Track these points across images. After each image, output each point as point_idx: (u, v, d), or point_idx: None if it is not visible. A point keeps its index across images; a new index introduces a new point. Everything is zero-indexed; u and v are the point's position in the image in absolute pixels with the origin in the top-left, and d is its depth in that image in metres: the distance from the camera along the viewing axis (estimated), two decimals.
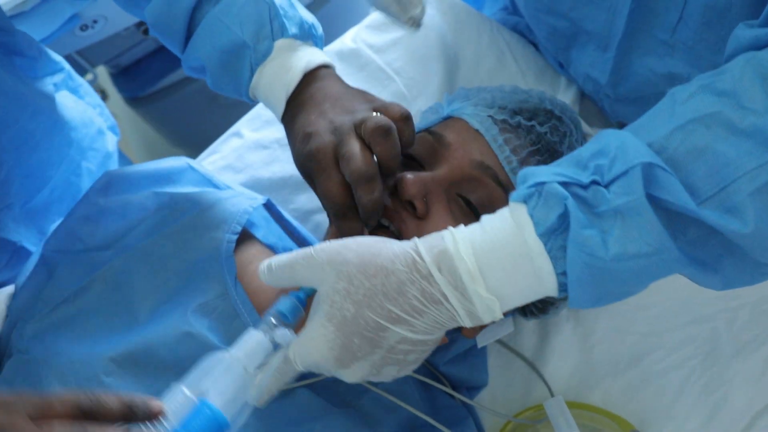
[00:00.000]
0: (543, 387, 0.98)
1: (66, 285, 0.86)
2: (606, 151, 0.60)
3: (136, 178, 0.96)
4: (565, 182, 0.60)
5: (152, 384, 0.79)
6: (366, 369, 0.64)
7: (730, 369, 0.96)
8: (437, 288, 0.61)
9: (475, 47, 1.18)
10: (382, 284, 0.62)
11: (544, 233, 0.59)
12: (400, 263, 0.62)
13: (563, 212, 0.59)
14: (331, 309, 0.63)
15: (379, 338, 0.62)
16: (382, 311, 0.62)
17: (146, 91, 1.52)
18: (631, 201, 0.57)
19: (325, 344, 0.63)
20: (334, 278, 0.63)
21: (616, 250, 0.58)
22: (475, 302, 0.61)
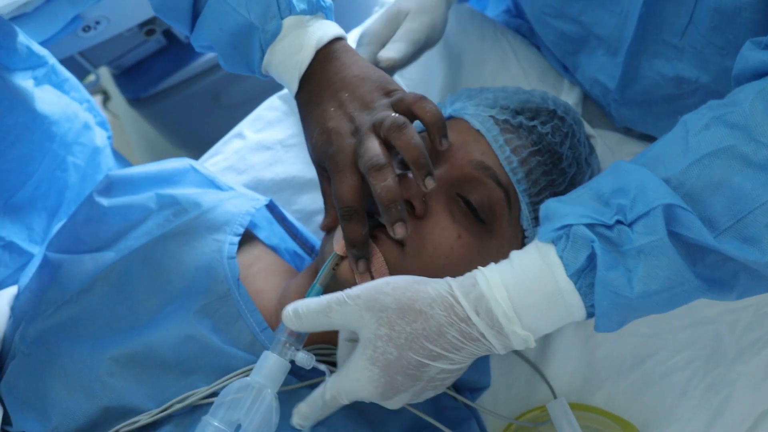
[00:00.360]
0: (545, 388, 0.98)
1: (69, 286, 0.86)
2: (626, 189, 0.65)
3: (139, 179, 0.97)
4: (591, 224, 0.64)
5: (155, 385, 0.79)
6: (407, 398, 0.68)
7: (733, 371, 0.95)
8: (475, 329, 0.66)
9: (478, 48, 1.17)
10: (422, 328, 0.65)
11: (574, 273, 0.64)
12: (438, 308, 0.66)
13: (591, 253, 0.64)
14: (375, 354, 0.66)
15: (421, 373, 0.66)
16: (423, 351, 0.66)
17: (148, 92, 1.52)
18: (654, 241, 0.62)
19: (371, 384, 0.67)
20: (374, 325, 0.66)
21: (641, 289, 0.63)
22: (512, 339, 0.66)
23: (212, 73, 1.52)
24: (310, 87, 0.81)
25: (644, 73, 0.94)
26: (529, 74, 1.16)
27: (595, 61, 0.99)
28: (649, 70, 0.93)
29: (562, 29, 1.00)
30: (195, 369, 0.80)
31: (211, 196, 0.96)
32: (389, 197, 0.71)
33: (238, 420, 0.68)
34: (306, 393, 0.80)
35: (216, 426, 0.67)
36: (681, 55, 0.88)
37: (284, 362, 0.71)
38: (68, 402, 0.78)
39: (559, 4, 0.98)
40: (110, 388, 0.78)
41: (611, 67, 0.96)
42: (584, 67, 1.02)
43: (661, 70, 0.91)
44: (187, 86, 1.52)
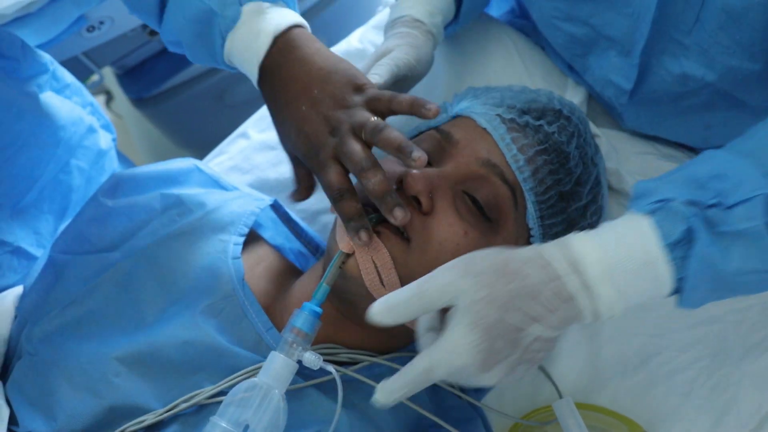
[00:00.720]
0: (551, 388, 0.98)
1: (74, 286, 0.86)
2: (725, 176, 0.67)
3: (144, 179, 0.97)
4: (690, 200, 0.66)
5: (161, 384, 0.79)
6: (504, 370, 0.67)
7: (739, 370, 0.95)
8: (569, 286, 0.66)
9: (481, 47, 1.17)
10: (520, 287, 0.65)
11: (669, 245, 0.65)
12: (534, 267, 0.66)
13: (687, 228, 0.65)
14: (476, 317, 0.65)
15: (519, 338, 0.66)
16: (521, 313, 0.65)
17: (152, 92, 1.52)
18: (753, 227, 0.64)
19: (473, 350, 0.65)
20: (474, 288, 0.65)
21: (738, 265, 0.65)
22: (601, 302, 0.66)
23: (216, 72, 1.51)
24: (275, 80, 0.81)
25: (655, 71, 0.93)
26: (534, 73, 1.16)
27: (606, 62, 0.98)
28: (658, 68, 0.93)
29: (571, 32, 1.00)
30: (200, 369, 0.80)
31: (216, 196, 0.96)
32: (382, 189, 0.73)
33: (246, 421, 0.68)
34: (312, 393, 0.80)
35: (224, 427, 0.67)
36: (687, 53, 0.88)
37: (291, 363, 0.71)
38: (74, 402, 0.78)
39: (567, 7, 0.98)
40: (116, 388, 0.78)
41: (626, 68, 0.95)
42: (594, 69, 1.02)
43: (668, 67, 0.91)
44: (190, 86, 1.52)
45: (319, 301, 0.74)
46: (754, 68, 0.85)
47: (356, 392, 0.82)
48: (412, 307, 0.67)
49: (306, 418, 0.79)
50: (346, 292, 0.79)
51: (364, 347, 0.86)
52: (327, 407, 0.79)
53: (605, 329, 0.99)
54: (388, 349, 0.88)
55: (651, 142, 1.10)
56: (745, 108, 0.92)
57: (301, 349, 0.71)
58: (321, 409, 0.80)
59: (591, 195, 0.89)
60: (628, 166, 1.05)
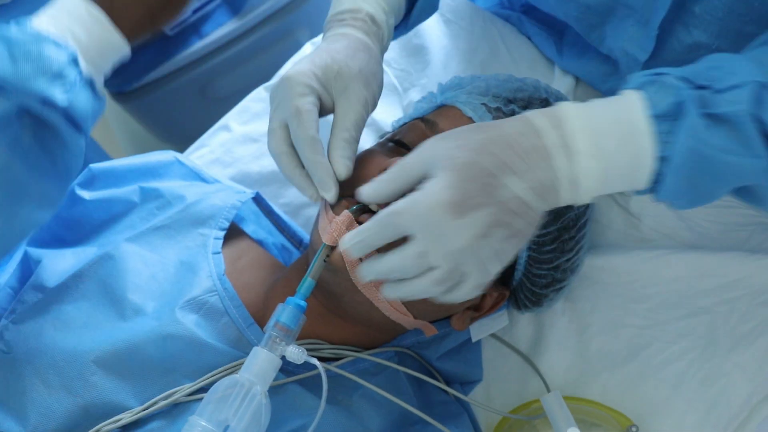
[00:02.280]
0: (539, 382, 0.97)
1: (49, 282, 0.84)
2: (722, 66, 0.66)
3: (122, 172, 0.95)
4: (682, 77, 0.64)
5: (138, 382, 0.77)
6: (478, 225, 0.63)
7: (729, 361, 0.94)
8: (545, 142, 0.64)
9: (467, 38, 1.16)
10: (496, 135, 0.64)
11: (656, 115, 0.63)
12: (515, 121, 0.66)
13: (677, 101, 0.63)
14: (449, 161, 0.64)
15: (494, 186, 0.63)
16: (495, 159, 0.63)
17: (133, 85, 1.49)
18: (738, 110, 0.62)
19: (444, 189, 0.63)
20: (447, 143, 0.66)
21: (722, 142, 0.63)
22: (579, 164, 0.64)
23: (198, 65, 1.49)
24: None
25: (668, 41, 0.92)
26: (520, 63, 1.15)
27: (623, 32, 0.96)
28: (670, 38, 0.91)
29: (587, 3, 0.97)
30: (179, 366, 0.78)
31: (196, 189, 0.94)
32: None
33: (227, 419, 0.66)
34: (295, 388, 0.79)
35: (204, 426, 0.65)
36: (697, 21, 0.87)
37: (275, 358, 0.69)
38: (48, 401, 0.76)
39: None
40: (92, 386, 0.76)
41: (642, 39, 0.94)
42: (611, 39, 0.99)
43: (680, 36, 0.90)
44: (172, 79, 1.49)
45: (304, 295, 0.72)
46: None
47: (340, 388, 0.81)
48: (397, 180, 0.67)
49: (289, 413, 0.77)
50: (331, 285, 0.78)
51: (348, 342, 0.84)
52: (310, 403, 0.78)
53: (593, 321, 0.99)
54: (372, 344, 0.87)
55: None
56: None
57: (284, 344, 0.70)
58: (304, 405, 0.78)
59: None
60: None
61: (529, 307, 0.92)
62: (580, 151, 0.64)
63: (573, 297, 1.00)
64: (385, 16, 0.84)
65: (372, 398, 0.82)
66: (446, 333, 0.91)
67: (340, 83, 0.76)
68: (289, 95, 0.74)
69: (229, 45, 1.50)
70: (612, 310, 0.99)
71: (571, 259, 0.88)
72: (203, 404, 0.67)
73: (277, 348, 0.69)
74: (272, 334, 0.70)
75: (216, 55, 1.50)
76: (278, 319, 0.70)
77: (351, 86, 0.77)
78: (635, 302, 0.98)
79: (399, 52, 1.17)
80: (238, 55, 1.50)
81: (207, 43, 1.48)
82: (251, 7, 1.49)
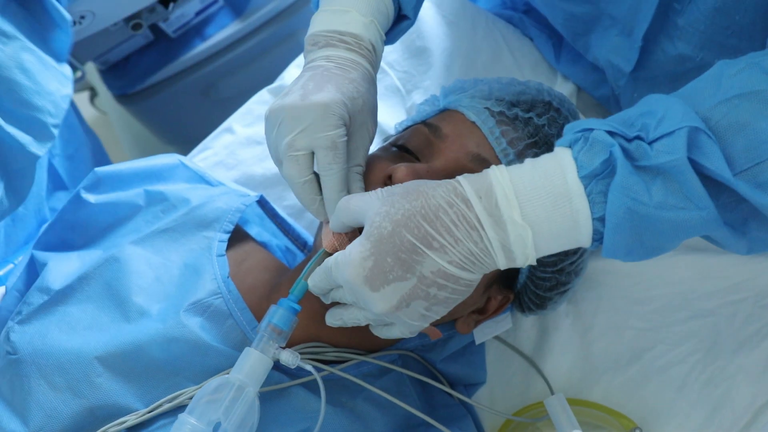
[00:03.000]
0: (542, 384, 0.97)
1: (55, 284, 0.84)
2: (654, 112, 0.63)
3: (127, 175, 0.95)
4: (612, 132, 0.62)
5: (143, 384, 0.77)
6: (395, 297, 0.63)
7: (733, 364, 0.94)
8: (473, 213, 0.62)
9: (470, 40, 1.16)
10: (421, 206, 0.63)
11: (587, 176, 0.61)
12: (442, 190, 0.64)
13: (607, 158, 0.61)
14: (370, 228, 0.64)
15: (413, 262, 0.63)
16: (419, 232, 0.62)
17: (136, 87, 1.50)
18: (673, 160, 0.60)
19: (360, 260, 0.63)
20: (379, 204, 0.65)
21: (660, 198, 0.60)
22: (509, 230, 0.62)
23: (201, 67, 1.50)
24: None
25: (653, 52, 0.92)
26: (523, 65, 1.15)
27: (607, 41, 0.97)
28: (655, 49, 0.91)
29: (571, 11, 0.98)
30: (184, 368, 0.78)
31: (201, 192, 0.94)
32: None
33: (217, 419, 0.65)
34: (299, 391, 0.79)
35: (194, 424, 0.65)
36: (681, 33, 0.87)
37: (266, 359, 0.69)
38: (54, 402, 0.76)
39: None
40: (97, 388, 0.76)
41: (626, 49, 0.94)
42: (595, 48, 1.00)
43: (665, 47, 0.90)
44: (175, 81, 1.50)
45: (297, 297, 0.72)
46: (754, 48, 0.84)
47: (344, 391, 0.81)
48: (341, 213, 0.69)
49: (293, 416, 0.77)
50: None
51: (352, 345, 0.85)
52: (314, 405, 0.78)
53: (596, 324, 0.99)
54: (375, 347, 0.87)
55: None
56: None
57: (277, 346, 0.70)
58: (308, 408, 0.78)
59: None
60: None
61: (533, 310, 0.92)
62: (510, 219, 0.62)
63: (576, 299, 1.00)
64: (381, 44, 0.83)
65: (376, 401, 0.82)
66: (450, 335, 0.91)
67: (360, 118, 0.76)
68: (323, 124, 0.72)
69: (231, 47, 1.50)
70: (615, 312, 0.99)
71: (575, 261, 0.88)
72: (193, 403, 0.67)
73: (269, 349, 0.70)
74: (264, 335, 0.70)
75: (219, 57, 1.50)
76: (270, 320, 0.70)
77: (368, 121, 0.77)
78: (639, 304, 0.98)
79: (402, 54, 1.17)
80: (241, 58, 1.51)
81: (210, 45, 1.48)
82: (254, 9, 1.49)
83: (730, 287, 0.97)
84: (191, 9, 1.46)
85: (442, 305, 0.66)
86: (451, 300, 0.65)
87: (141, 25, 1.36)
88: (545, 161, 0.63)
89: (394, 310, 0.64)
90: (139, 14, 1.34)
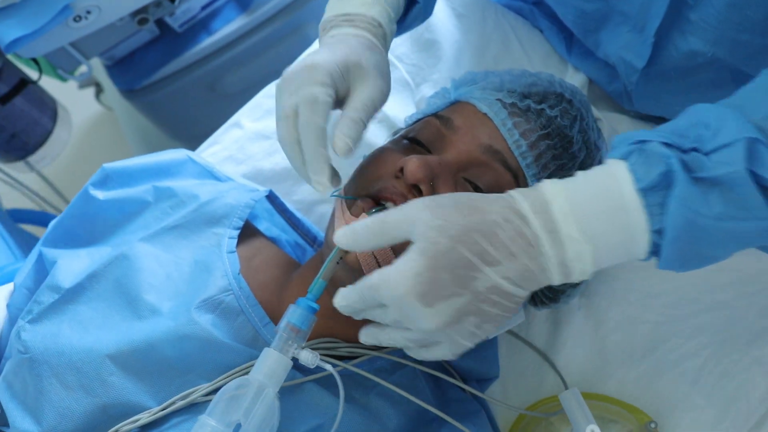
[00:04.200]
0: (555, 378, 0.96)
1: (64, 282, 0.84)
2: (706, 122, 0.62)
3: (135, 171, 0.94)
4: (667, 143, 0.61)
5: (156, 382, 0.77)
6: (448, 313, 0.62)
7: (747, 356, 0.94)
8: (530, 230, 0.62)
9: (479, 32, 1.15)
10: (478, 221, 0.62)
11: (643, 189, 0.61)
12: (497, 205, 0.63)
13: (665, 171, 0.60)
14: (425, 244, 0.61)
15: (468, 278, 0.61)
16: (476, 248, 0.61)
17: (142, 83, 1.49)
18: (733, 172, 0.59)
19: (414, 277, 0.61)
20: (429, 217, 0.62)
21: (719, 209, 0.60)
22: (567, 247, 0.62)
23: (207, 62, 1.49)
24: None
25: (665, 48, 0.91)
26: (533, 57, 1.14)
27: (618, 38, 0.96)
28: (667, 45, 0.91)
29: (582, 8, 0.97)
30: (196, 365, 0.78)
31: (210, 187, 0.94)
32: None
33: (237, 420, 0.65)
34: (312, 387, 0.78)
35: (214, 425, 0.64)
36: (693, 29, 0.87)
37: (286, 360, 0.69)
38: (67, 401, 0.76)
39: None
40: (110, 386, 0.76)
41: (638, 46, 0.93)
42: (606, 45, 0.99)
43: (677, 43, 0.89)
44: (181, 76, 1.49)
45: (315, 296, 0.72)
46: (766, 44, 0.83)
47: (357, 386, 0.81)
48: (372, 234, 0.64)
49: (306, 412, 0.77)
50: (346, 285, 0.77)
51: None
52: (327, 402, 0.78)
53: (610, 317, 0.98)
54: None
55: (653, 125, 1.08)
56: None
57: (296, 345, 0.69)
58: (321, 404, 0.78)
59: None
60: None
61: (546, 304, 0.92)
62: (568, 236, 0.61)
63: (589, 293, 0.99)
64: (390, 22, 0.83)
65: (389, 396, 0.81)
66: None
67: (359, 72, 0.75)
68: (307, 82, 0.73)
69: (238, 41, 1.49)
70: (629, 305, 0.98)
71: None
72: (213, 404, 0.66)
73: (288, 349, 0.69)
74: (283, 336, 0.69)
75: (225, 51, 1.49)
76: (289, 320, 0.70)
77: (369, 75, 0.76)
78: (652, 297, 0.98)
79: (411, 47, 1.16)
80: (248, 52, 1.50)
81: (216, 39, 1.47)
82: (260, 2, 1.48)
83: (744, 279, 0.96)
84: (197, 3, 1.45)
85: (492, 322, 0.64)
86: (500, 318, 0.64)
87: (147, 20, 1.35)
88: (599, 174, 0.63)
89: (445, 326, 0.62)
90: (145, 9, 1.33)
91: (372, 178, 0.79)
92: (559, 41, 1.13)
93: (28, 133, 1.41)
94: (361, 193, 0.79)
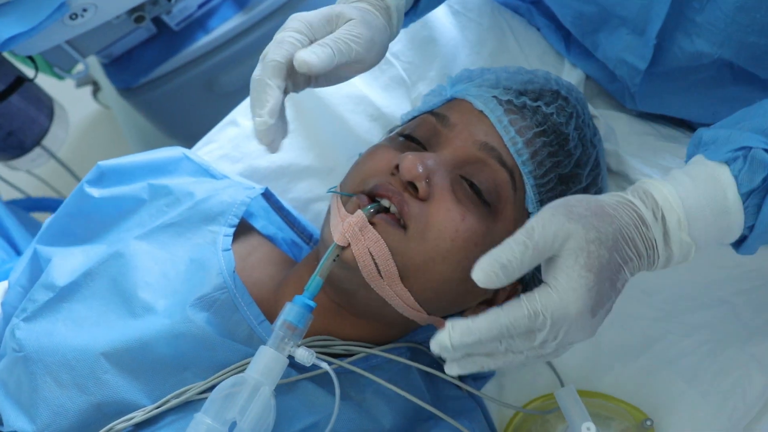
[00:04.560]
0: (552, 375, 0.96)
1: (59, 280, 0.84)
2: None
3: (131, 169, 0.94)
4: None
5: (150, 380, 0.77)
6: (603, 317, 0.67)
7: (744, 353, 0.93)
8: (652, 233, 0.67)
9: (476, 29, 1.15)
10: (619, 228, 0.66)
11: (746, 193, 0.67)
12: (625, 212, 0.67)
13: (766, 176, 0.66)
14: (589, 259, 0.63)
15: (616, 280, 0.65)
16: (624, 254, 0.65)
17: (139, 81, 1.49)
18: None
19: (587, 293, 0.62)
20: (583, 230, 0.64)
21: None
22: (674, 249, 0.68)
23: (205, 60, 1.49)
24: None
25: (668, 49, 0.91)
26: (529, 55, 1.13)
27: (618, 40, 0.95)
28: (671, 46, 0.90)
29: (580, 10, 0.97)
30: (191, 363, 0.78)
31: (205, 185, 0.93)
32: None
33: (233, 418, 0.65)
34: (307, 385, 0.78)
35: (209, 424, 0.64)
36: (700, 31, 0.86)
37: (282, 358, 0.69)
38: (61, 399, 0.76)
39: None
40: (104, 384, 0.76)
41: (640, 48, 0.93)
42: (605, 47, 0.99)
43: (681, 44, 0.89)
44: (179, 74, 1.49)
45: (312, 294, 0.72)
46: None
47: (352, 384, 0.81)
48: (526, 260, 0.62)
49: (301, 410, 0.77)
50: (344, 282, 0.77)
51: (360, 338, 0.84)
52: (322, 399, 0.78)
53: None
54: (384, 339, 0.86)
55: (650, 123, 1.08)
56: (755, 82, 0.90)
57: (293, 343, 0.69)
58: (317, 402, 0.78)
59: (590, 177, 0.87)
60: (627, 148, 1.03)
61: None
62: (677, 240, 0.67)
63: None
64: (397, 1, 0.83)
65: (384, 394, 0.81)
66: None
67: (343, 20, 0.76)
68: (284, 30, 0.75)
69: (235, 40, 1.49)
70: (625, 301, 0.96)
71: None
72: (209, 402, 0.67)
73: (284, 347, 0.69)
74: (279, 334, 0.69)
75: (222, 50, 1.49)
76: (286, 318, 0.70)
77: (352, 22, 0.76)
78: (648, 294, 0.97)
79: (407, 44, 1.16)
80: (245, 50, 1.50)
81: (213, 38, 1.47)
82: (257, 1, 1.48)
83: (741, 275, 0.96)
84: (194, 1, 1.45)
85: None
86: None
87: (144, 18, 1.35)
88: (706, 179, 0.68)
89: (594, 332, 0.66)
90: (142, 7, 1.33)
91: (368, 175, 0.79)
92: (558, 40, 1.13)
93: (24, 131, 1.41)
94: (356, 189, 0.79)
